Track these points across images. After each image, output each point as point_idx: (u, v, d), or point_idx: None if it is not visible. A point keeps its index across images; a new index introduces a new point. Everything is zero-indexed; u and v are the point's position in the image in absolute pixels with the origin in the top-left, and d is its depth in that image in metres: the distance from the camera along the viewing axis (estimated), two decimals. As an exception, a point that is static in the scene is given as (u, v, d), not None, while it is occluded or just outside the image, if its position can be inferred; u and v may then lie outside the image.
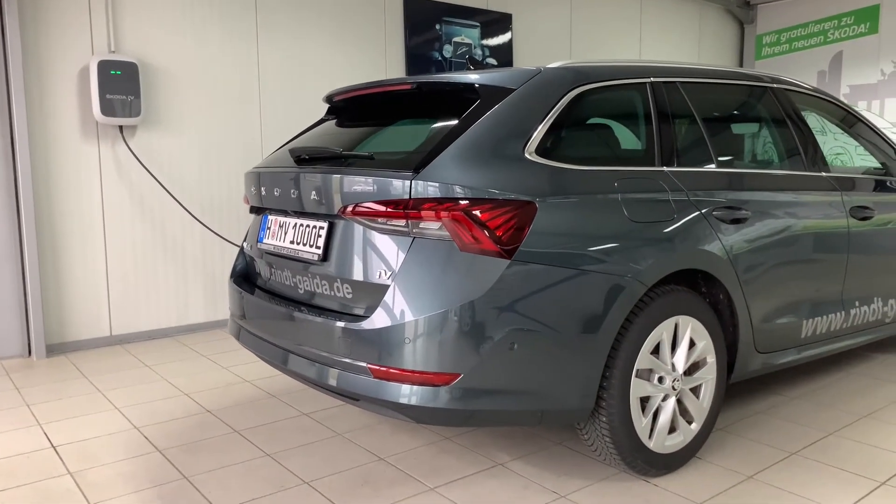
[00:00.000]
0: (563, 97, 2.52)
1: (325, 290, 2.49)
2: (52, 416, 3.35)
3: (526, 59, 6.76)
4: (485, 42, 6.41)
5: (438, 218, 2.19)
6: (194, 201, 4.93)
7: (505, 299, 2.18)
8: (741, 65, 8.88)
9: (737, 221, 2.79)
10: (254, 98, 5.16)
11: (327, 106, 3.25)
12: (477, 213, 2.19)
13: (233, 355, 4.33)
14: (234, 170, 5.09)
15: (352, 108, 3.11)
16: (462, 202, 2.20)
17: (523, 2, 6.71)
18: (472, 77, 2.56)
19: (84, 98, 4.46)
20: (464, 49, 6.27)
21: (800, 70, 8.25)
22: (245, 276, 3.13)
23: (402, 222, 2.24)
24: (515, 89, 2.47)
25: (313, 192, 2.50)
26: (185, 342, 4.72)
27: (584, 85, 2.60)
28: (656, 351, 2.56)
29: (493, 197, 2.23)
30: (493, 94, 2.46)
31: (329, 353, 2.40)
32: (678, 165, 2.73)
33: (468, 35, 6.29)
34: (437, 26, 6.08)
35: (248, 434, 3.11)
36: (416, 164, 2.27)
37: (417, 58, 5.97)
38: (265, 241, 2.87)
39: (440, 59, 6.13)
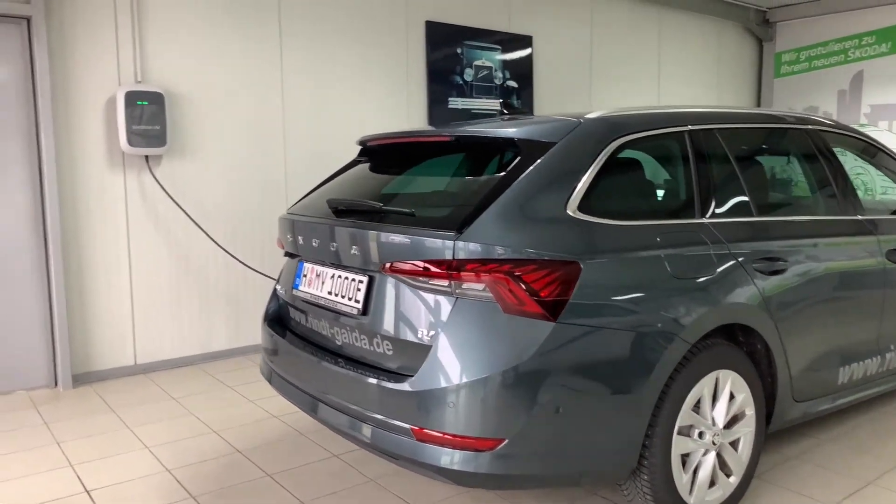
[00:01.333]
0: (603, 150, 2.50)
1: (364, 344, 2.48)
2: (83, 456, 3.35)
3: (546, 80, 6.75)
4: (505, 64, 6.40)
5: (482, 279, 2.18)
6: (218, 229, 4.93)
7: (550, 363, 2.17)
8: (759, 83, 8.84)
9: (776, 272, 2.76)
10: (277, 126, 5.17)
11: (360, 147, 3.24)
12: (521, 274, 2.18)
13: (257, 387, 4.32)
14: (257, 198, 5.09)
15: (386, 153, 3.10)
16: (506, 263, 2.19)
17: (544, 23, 6.70)
18: (511, 131, 2.54)
19: (111, 128, 4.47)
20: (485, 72, 6.26)
21: (820, 89, 8.21)
22: (279, 320, 3.13)
23: (445, 282, 2.23)
24: (556, 143, 2.46)
25: (353, 247, 2.49)
26: (209, 371, 4.73)
27: (624, 136, 2.58)
28: (696, 406, 2.54)
29: (537, 257, 2.22)
30: (533, 148, 2.45)
31: (368, 409, 2.39)
32: (718, 216, 2.71)
33: (489, 58, 6.28)
34: (459, 50, 6.08)
35: (279, 478, 3.10)
36: (459, 223, 2.25)
37: (439, 81, 5.97)
38: (301, 288, 2.86)
39: (461, 82, 6.12)
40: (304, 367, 2.76)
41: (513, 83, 6.47)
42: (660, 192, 2.74)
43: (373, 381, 2.36)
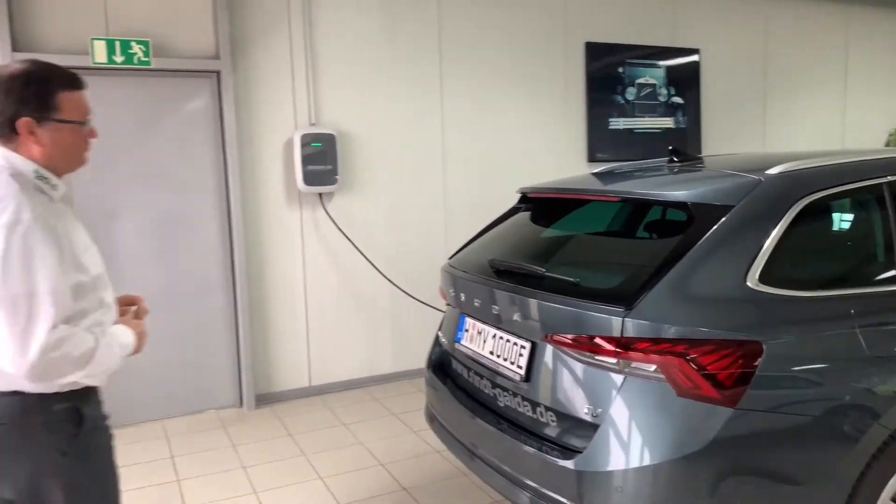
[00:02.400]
0: (787, 212, 2.30)
1: (527, 411, 2.47)
2: (266, 483, 3.63)
3: (715, 94, 6.37)
4: (670, 80, 6.12)
5: (653, 360, 2.09)
6: (382, 259, 5.15)
7: (728, 452, 2.04)
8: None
9: None
10: (437, 162, 5.30)
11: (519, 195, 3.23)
12: (696, 356, 2.06)
13: (419, 416, 4.43)
14: (418, 230, 5.27)
15: (547, 206, 3.06)
16: (679, 344, 2.08)
17: (711, 33, 6.32)
18: (683, 194, 2.41)
19: (288, 168, 4.81)
20: (648, 90, 6.02)
21: None
22: (441, 367, 3.19)
23: (613, 360, 2.16)
24: (734, 206, 2.29)
25: (516, 314, 2.48)
26: (375, 395, 4.95)
27: (811, 194, 2.36)
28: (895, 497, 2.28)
29: (714, 337, 2.08)
30: (707, 213, 2.30)
31: (527, 477, 2.37)
32: (924, 281, 2.40)
33: (652, 75, 6.03)
34: (620, 69, 5.89)
35: (443, 522, 3.18)
36: (628, 297, 2.17)
37: (599, 103, 5.83)
38: (463, 342, 2.91)
39: (623, 102, 5.93)
40: (464, 421, 2.80)
41: (678, 99, 6.17)
42: (853, 257, 2.48)
43: (536, 450, 2.34)
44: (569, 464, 2.21)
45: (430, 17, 5.18)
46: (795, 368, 2.12)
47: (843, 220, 2.55)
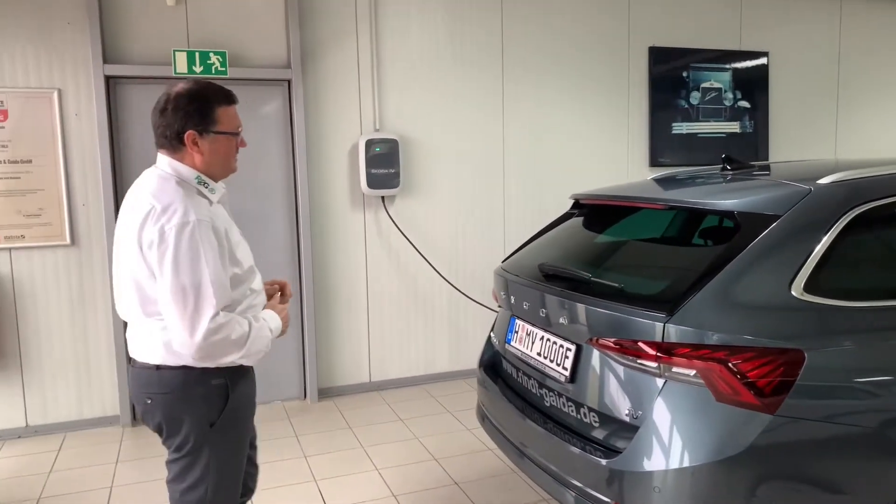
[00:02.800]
0: (836, 222, 2.30)
1: (572, 411, 2.55)
2: (325, 472, 3.82)
3: (784, 97, 6.23)
4: (736, 84, 6.03)
5: (693, 365, 2.14)
6: (441, 260, 5.29)
7: (766, 458, 2.06)
8: None
9: None
10: (497, 168, 5.40)
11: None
12: (736, 363, 2.10)
13: (472, 414, 4.55)
14: (476, 233, 5.38)
15: (599, 212, 3.13)
16: (720, 350, 2.12)
17: (781, 36, 6.19)
18: (730, 202, 2.44)
19: (353, 172, 5.01)
20: (713, 94, 5.95)
21: None
22: (493, 367, 3.30)
23: (654, 364, 2.22)
24: (781, 216, 2.31)
25: (562, 317, 2.57)
26: (431, 392, 5.09)
27: (863, 204, 2.34)
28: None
29: (755, 345, 2.12)
30: (754, 222, 2.32)
31: (571, 475, 2.45)
32: (983, 294, 2.35)
33: (717, 79, 5.96)
34: (684, 73, 5.85)
35: (492, 517, 3.28)
36: (670, 303, 2.22)
37: (662, 108, 5.80)
38: (512, 343, 3.00)
39: (687, 106, 5.89)
40: (514, 420, 2.89)
41: (744, 103, 6.07)
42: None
43: (580, 450, 2.41)
44: (610, 464, 2.28)
45: (494, 26, 5.29)
46: (838, 378, 2.13)
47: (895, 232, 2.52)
